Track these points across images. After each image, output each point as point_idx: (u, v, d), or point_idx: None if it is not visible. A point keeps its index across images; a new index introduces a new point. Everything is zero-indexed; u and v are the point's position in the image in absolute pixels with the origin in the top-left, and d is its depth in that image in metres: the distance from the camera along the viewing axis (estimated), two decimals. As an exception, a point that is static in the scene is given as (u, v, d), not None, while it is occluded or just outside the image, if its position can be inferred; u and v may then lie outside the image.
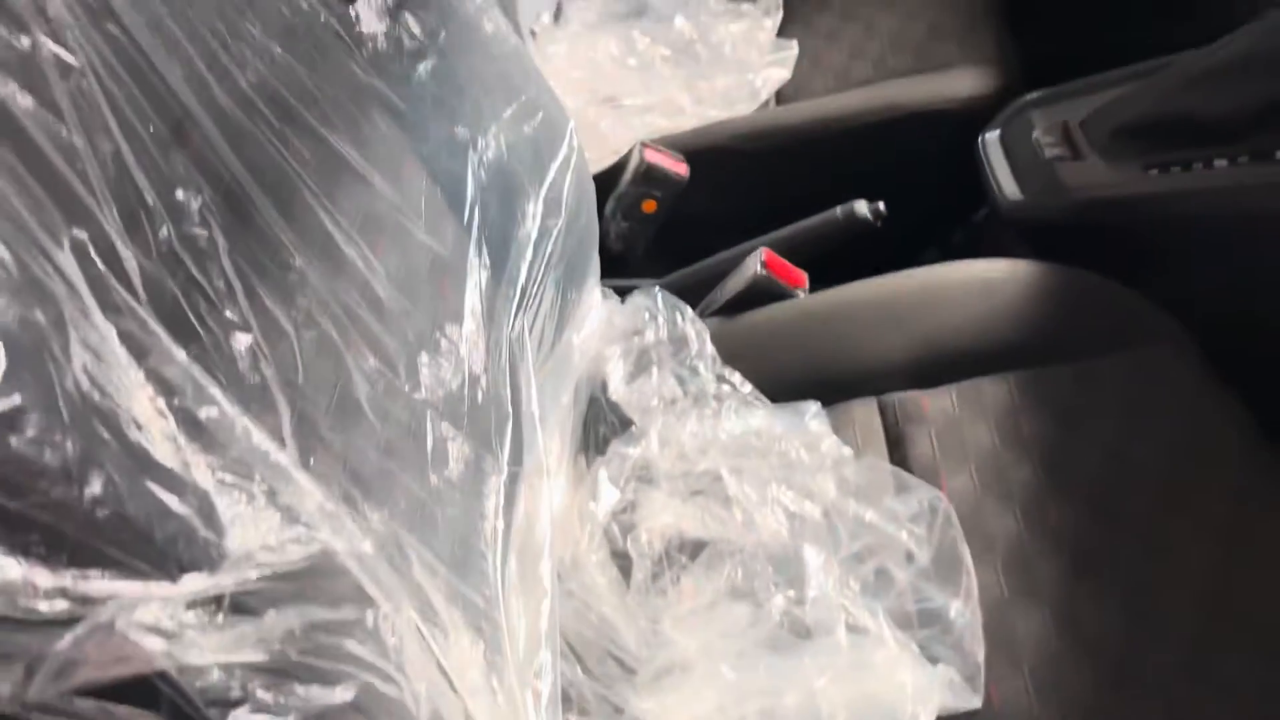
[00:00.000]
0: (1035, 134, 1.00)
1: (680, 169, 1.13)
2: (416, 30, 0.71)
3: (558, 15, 1.35)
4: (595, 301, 0.93)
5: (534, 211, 0.79)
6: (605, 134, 1.13)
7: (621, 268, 1.20)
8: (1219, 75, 0.91)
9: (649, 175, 1.11)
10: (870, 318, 0.90)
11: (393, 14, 0.70)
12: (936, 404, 0.86)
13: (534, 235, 0.78)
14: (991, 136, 1.03)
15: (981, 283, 0.89)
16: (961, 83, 1.13)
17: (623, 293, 1.08)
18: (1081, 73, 1.07)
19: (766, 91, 1.21)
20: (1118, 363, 0.84)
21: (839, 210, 1.00)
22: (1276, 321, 0.90)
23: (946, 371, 0.87)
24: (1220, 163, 0.91)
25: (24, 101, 0.39)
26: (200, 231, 0.47)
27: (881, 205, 1.00)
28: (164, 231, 0.45)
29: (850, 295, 0.93)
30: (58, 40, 0.41)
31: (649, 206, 1.14)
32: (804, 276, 0.98)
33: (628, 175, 1.12)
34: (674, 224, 1.17)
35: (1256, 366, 0.88)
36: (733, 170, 1.16)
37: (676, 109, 1.19)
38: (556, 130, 0.83)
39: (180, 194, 0.47)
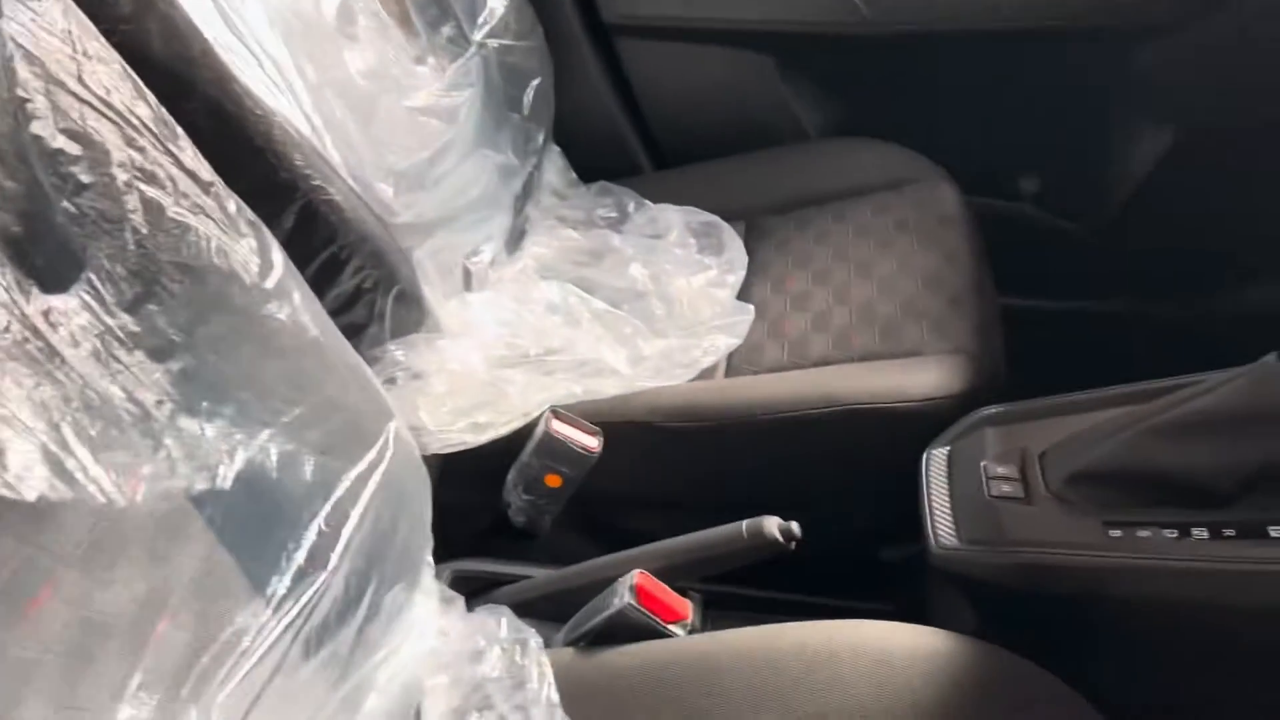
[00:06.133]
0: (985, 461, 0.83)
1: (590, 443, 0.99)
2: (162, 325, 0.60)
3: (514, 247, 1.25)
4: (422, 616, 0.78)
5: (309, 534, 0.65)
6: (512, 396, 1.00)
7: (528, 544, 1.06)
8: (1204, 427, 0.74)
9: (552, 448, 0.98)
10: (746, 683, 0.73)
11: (130, 307, 0.58)
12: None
13: (301, 555, 0.64)
14: (938, 454, 0.87)
15: (877, 654, 0.72)
16: (922, 378, 0.97)
17: (501, 582, 0.94)
18: (1067, 380, 0.91)
19: (708, 359, 1.07)
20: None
21: (744, 526, 0.84)
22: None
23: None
24: (1199, 532, 0.73)
25: None
26: None
27: (795, 526, 0.84)
28: None
29: (728, 649, 0.76)
30: None
31: (553, 481, 1.00)
32: (686, 607, 0.82)
33: (531, 445, 0.99)
34: (586, 498, 1.03)
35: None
36: (650, 448, 1.02)
37: (609, 371, 1.06)
38: (362, 433, 0.70)
39: None
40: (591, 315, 1.09)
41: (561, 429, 0.98)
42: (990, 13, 1.33)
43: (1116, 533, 0.76)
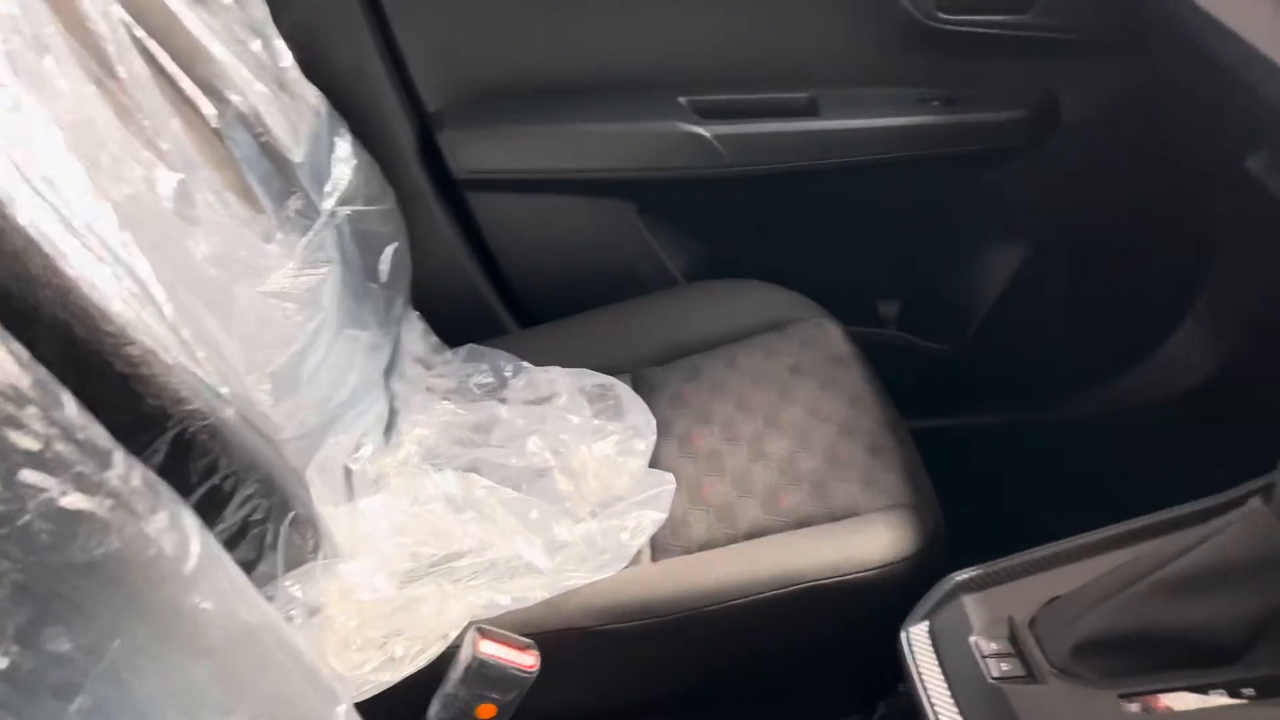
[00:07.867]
0: (973, 637, 0.78)
1: (526, 661, 0.87)
2: (67, 651, 0.46)
3: (389, 430, 1.13)
4: None
5: None
6: (426, 616, 0.88)
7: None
8: (1206, 581, 0.72)
9: (483, 675, 0.86)
10: None
11: (23, 637, 0.44)
12: None
13: None
14: (918, 632, 0.81)
15: None
16: (872, 543, 0.92)
17: None
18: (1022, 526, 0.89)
19: (637, 541, 0.98)
20: None
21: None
22: None
23: None
24: (1217, 694, 0.70)
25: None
26: None
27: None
28: None
29: None
30: None
31: (486, 712, 0.87)
32: None
33: (457, 673, 0.86)
34: (522, 721, 0.91)
35: None
36: (590, 654, 0.92)
37: (525, 568, 0.95)
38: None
39: None
40: (501, 505, 0.98)
41: (492, 650, 0.86)
42: (844, 149, 1.34)
43: (1133, 706, 0.71)
